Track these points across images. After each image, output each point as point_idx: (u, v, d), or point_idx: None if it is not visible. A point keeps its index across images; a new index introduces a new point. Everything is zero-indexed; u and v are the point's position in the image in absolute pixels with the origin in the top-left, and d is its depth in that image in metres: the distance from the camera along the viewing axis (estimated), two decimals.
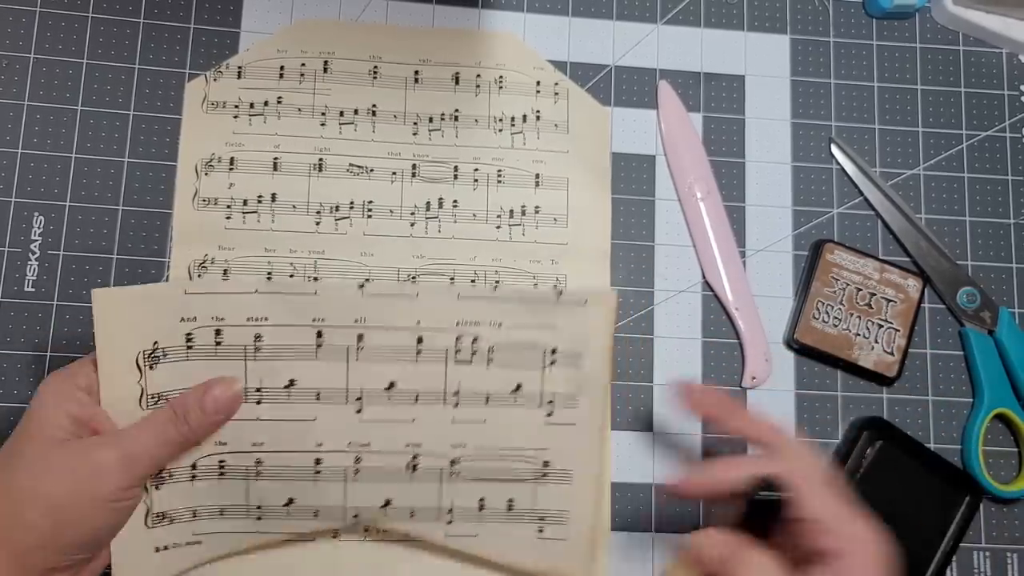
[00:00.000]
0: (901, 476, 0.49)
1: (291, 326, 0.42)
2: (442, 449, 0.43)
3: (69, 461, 0.37)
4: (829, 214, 0.53)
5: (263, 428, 0.42)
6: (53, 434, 0.38)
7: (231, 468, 0.42)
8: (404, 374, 0.43)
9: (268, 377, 0.42)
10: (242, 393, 0.41)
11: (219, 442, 0.42)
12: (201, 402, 0.40)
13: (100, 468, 0.38)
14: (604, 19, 0.53)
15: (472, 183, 0.50)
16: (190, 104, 0.50)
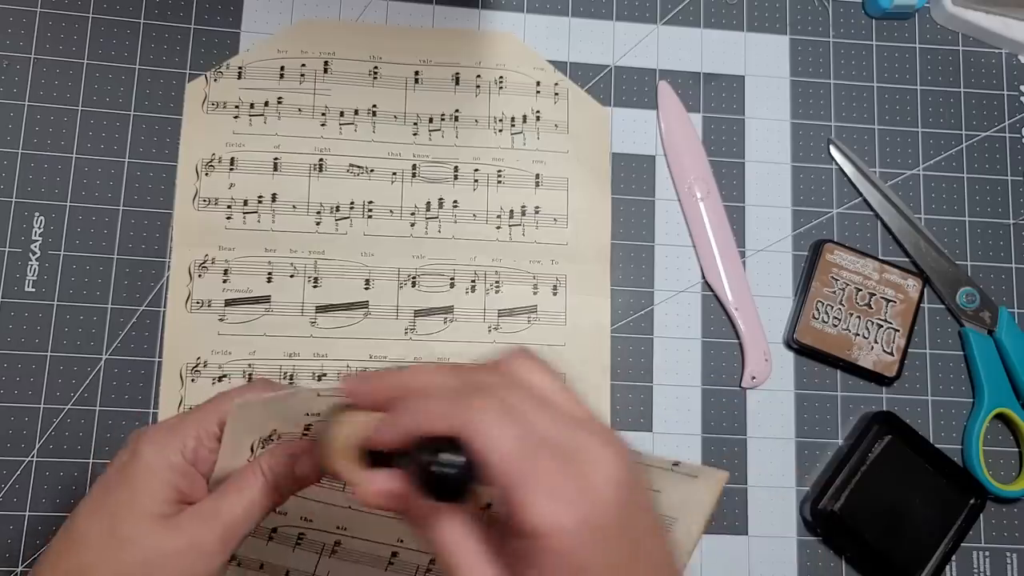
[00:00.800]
0: (907, 473, 0.49)
1: (370, 541, 0.42)
2: None
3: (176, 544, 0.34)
4: (829, 214, 0.53)
5: (351, 516, 0.41)
6: (159, 510, 0.34)
7: (309, 543, 0.42)
8: None
9: (413, 540, 0.41)
10: None
11: (305, 518, 0.41)
12: (291, 471, 0.37)
13: (203, 550, 0.35)
14: (604, 19, 0.53)
15: (472, 183, 0.50)
16: (190, 104, 0.50)
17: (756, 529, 0.49)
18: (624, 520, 0.28)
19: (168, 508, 0.34)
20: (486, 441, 0.27)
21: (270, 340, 0.48)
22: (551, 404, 0.29)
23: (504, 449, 0.27)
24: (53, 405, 0.46)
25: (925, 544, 0.48)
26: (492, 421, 0.27)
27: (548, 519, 0.26)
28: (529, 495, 0.27)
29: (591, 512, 0.27)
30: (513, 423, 0.28)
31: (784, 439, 0.50)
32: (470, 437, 0.27)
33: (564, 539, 0.27)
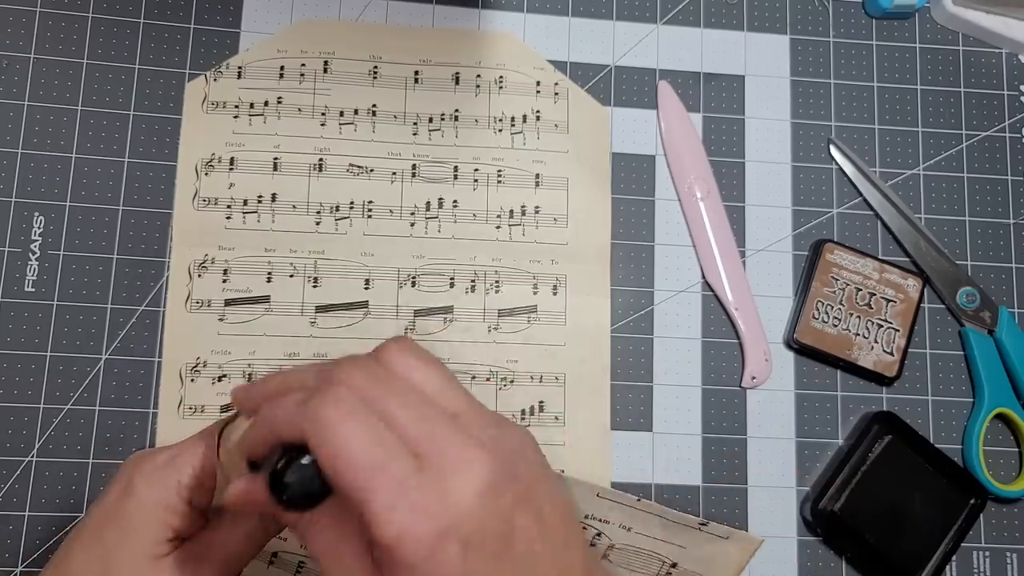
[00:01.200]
0: (907, 473, 0.49)
1: None
2: None
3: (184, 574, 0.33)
4: (829, 214, 0.53)
5: None
6: (153, 551, 0.33)
7: (309, 571, 0.42)
8: None
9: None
10: None
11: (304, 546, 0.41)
12: None
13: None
14: (604, 19, 0.53)
15: (472, 183, 0.50)
16: (190, 104, 0.50)
17: (756, 529, 0.49)
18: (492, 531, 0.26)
19: (162, 548, 0.33)
20: (331, 448, 0.25)
21: (270, 340, 0.48)
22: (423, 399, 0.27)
23: (352, 456, 0.25)
24: (53, 405, 0.46)
25: (925, 544, 0.48)
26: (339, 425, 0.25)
27: (398, 530, 0.24)
28: (379, 505, 0.25)
29: (448, 523, 0.25)
30: (364, 425, 0.25)
31: (784, 439, 0.50)
32: (314, 444, 0.25)
33: (419, 552, 0.25)
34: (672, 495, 0.49)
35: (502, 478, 0.26)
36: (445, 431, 0.26)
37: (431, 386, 0.28)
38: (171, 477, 0.34)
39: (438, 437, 0.26)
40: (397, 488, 0.25)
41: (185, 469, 0.34)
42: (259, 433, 0.28)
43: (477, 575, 0.25)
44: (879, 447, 0.48)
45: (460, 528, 0.25)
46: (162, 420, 0.46)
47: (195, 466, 0.34)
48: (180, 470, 0.34)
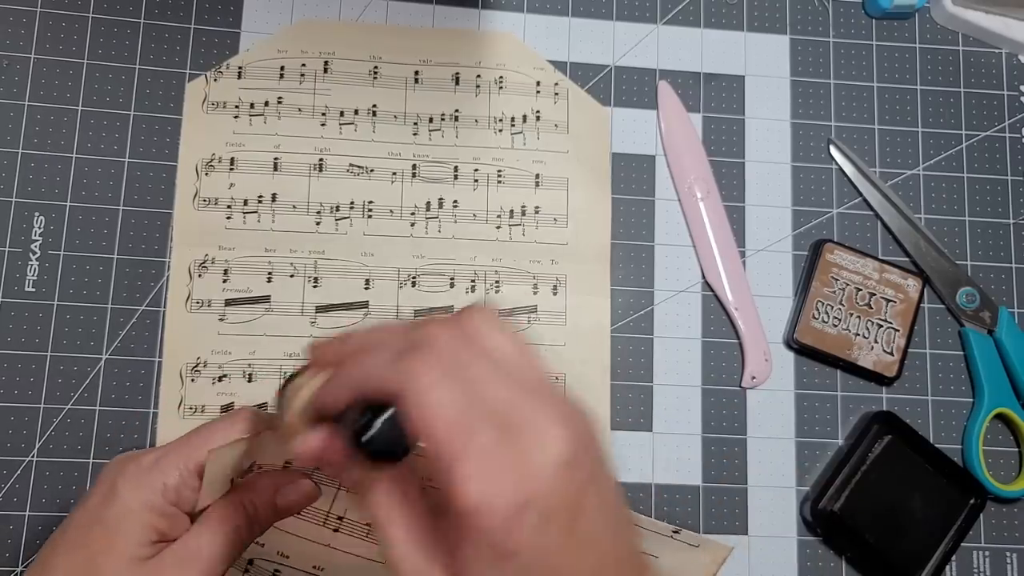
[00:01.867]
0: (907, 473, 0.49)
1: None
2: None
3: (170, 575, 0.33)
4: (829, 214, 0.53)
5: (330, 555, 0.40)
6: (137, 553, 0.33)
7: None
8: None
9: (354, 512, 0.40)
10: (312, 490, 0.38)
11: (282, 553, 0.40)
12: (274, 503, 0.37)
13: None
14: (604, 19, 0.53)
15: (472, 183, 0.50)
16: (190, 104, 0.50)
17: (756, 529, 0.49)
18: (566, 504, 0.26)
19: (146, 550, 0.33)
20: (422, 408, 0.25)
21: (270, 340, 0.48)
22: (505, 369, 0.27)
23: (441, 417, 0.25)
24: (53, 405, 0.46)
25: (925, 544, 0.48)
26: (431, 386, 0.25)
27: (479, 498, 0.24)
28: (462, 470, 0.25)
29: (528, 491, 0.25)
30: (455, 389, 0.25)
31: (784, 439, 0.50)
32: (406, 402, 0.26)
33: (495, 520, 0.25)
34: (672, 495, 0.49)
35: (578, 454, 0.26)
36: (528, 403, 0.26)
37: (513, 358, 0.27)
38: (156, 480, 0.34)
39: (522, 409, 0.26)
40: (482, 454, 0.25)
41: (170, 471, 0.34)
42: (341, 388, 0.28)
43: (548, 547, 0.25)
44: (879, 447, 0.49)
45: (538, 499, 0.25)
46: (162, 420, 0.46)
47: (180, 468, 0.34)
48: (165, 472, 0.34)
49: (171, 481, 0.34)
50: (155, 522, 0.34)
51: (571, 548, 0.26)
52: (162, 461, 0.34)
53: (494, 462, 0.25)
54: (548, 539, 0.25)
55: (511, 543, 0.25)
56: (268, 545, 0.40)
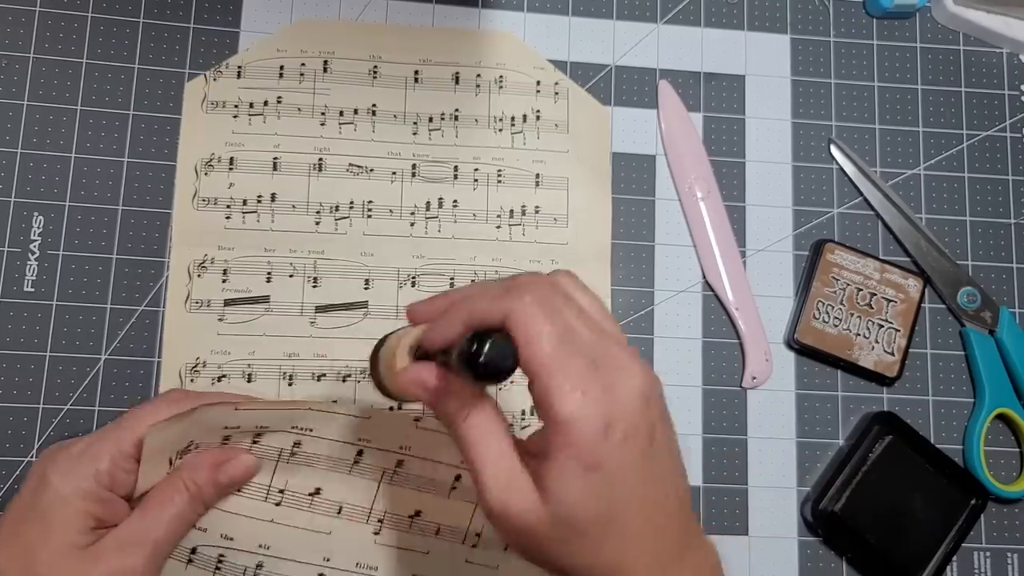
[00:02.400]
0: (908, 473, 0.49)
1: (335, 441, 0.40)
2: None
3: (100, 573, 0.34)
4: (829, 214, 0.53)
5: (274, 531, 0.40)
6: (76, 541, 0.34)
7: (229, 565, 0.40)
8: (432, 506, 0.41)
9: (295, 481, 0.41)
10: (253, 464, 0.39)
11: (226, 536, 0.40)
12: (215, 480, 0.37)
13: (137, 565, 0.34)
14: (604, 19, 0.53)
15: (472, 183, 0.50)
16: (190, 104, 0.50)
17: (756, 530, 0.49)
18: (642, 431, 0.29)
19: (85, 538, 0.34)
20: (528, 330, 0.29)
21: (269, 340, 0.48)
22: (590, 319, 0.31)
23: (543, 340, 0.29)
24: (53, 405, 0.46)
25: (926, 545, 0.48)
26: (535, 314, 0.29)
27: (573, 409, 0.28)
28: (560, 385, 0.28)
29: (613, 414, 0.29)
30: (554, 320, 0.29)
31: (785, 439, 0.50)
32: (513, 325, 0.29)
33: (585, 431, 0.28)
34: None
35: (652, 394, 0.30)
36: (611, 345, 0.30)
37: (595, 313, 0.32)
38: (87, 466, 0.34)
39: (606, 348, 0.30)
40: (577, 376, 0.29)
41: (102, 457, 0.34)
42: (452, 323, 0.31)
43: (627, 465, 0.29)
44: (880, 447, 0.48)
45: (621, 421, 0.29)
46: None
47: (112, 453, 0.35)
48: (96, 458, 0.34)
49: (103, 466, 0.34)
50: (90, 508, 0.34)
51: (646, 472, 0.30)
52: (93, 447, 0.35)
53: (586, 383, 0.29)
54: (628, 458, 0.29)
55: (596, 455, 0.28)
56: (211, 529, 0.39)
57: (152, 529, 0.35)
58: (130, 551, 0.34)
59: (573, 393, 0.28)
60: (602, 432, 0.28)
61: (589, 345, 0.30)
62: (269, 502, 0.40)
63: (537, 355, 0.29)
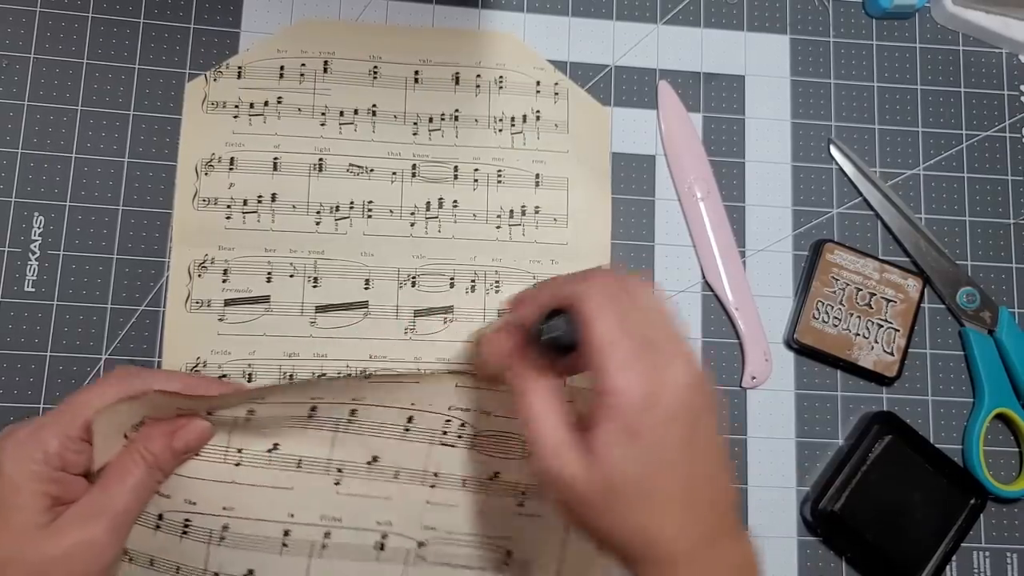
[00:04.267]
0: (907, 473, 0.49)
1: (288, 403, 0.41)
2: (412, 530, 0.43)
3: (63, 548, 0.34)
4: (829, 214, 0.53)
5: (237, 492, 0.41)
6: (34, 520, 0.34)
7: (195, 529, 0.40)
8: (388, 450, 0.42)
9: (252, 441, 0.41)
10: (208, 428, 0.39)
11: (189, 500, 0.40)
12: (172, 447, 0.38)
13: (94, 546, 0.35)
14: (604, 19, 0.53)
15: (472, 183, 0.50)
16: (190, 104, 0.50)
17: (756, 529, 0.49)
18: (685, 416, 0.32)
19: (44, 516, 0.34)
20: (589, 308, 0.33)
21: (270, 340, 0.48)
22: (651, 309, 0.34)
23: (602, 318, 0.33)
24: (52, 405, 0.46)
25: (925, 544, 0.48)
26: (597, 296, 0.33)
27: (624, 383, 0.32)
28: (612, 357, 0.32)
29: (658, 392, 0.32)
30: (614, 304, 0.33)
31: (784, 439, 0.50)
32: (578, 305, 0.33)
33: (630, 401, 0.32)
34: None
35: (699, 386, 0.33)
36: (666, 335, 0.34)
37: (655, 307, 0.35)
38: (35, 450, 0.35)
39: (660, 338, 0.33)
40: (629, 353, 0.32)
41: (50, 439, 0.35)
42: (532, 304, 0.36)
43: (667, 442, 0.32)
44: (879, 447, 0.48)
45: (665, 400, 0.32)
46: None
47: (60, 435, 0.35)
48: (44, 441, 0.35)
49: (52, 448, 0.35)
50: (45, 488, 0.35)
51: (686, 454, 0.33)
52: (40, 431, 0.35)
53: (636, 361, 0.32)
54: (668, 436, 0.32)
55: (640, 424, 0.32)
56: (174, 496, 0.40)
57: (112, 500, 0.36)
58: (91, 523, 0.35)
59: (623, 367, 0.32)
60: (645, 404, 0.32)
61: (644, 331, 0.33)
62: (228, 463, 0.41)
63: (596, 331, 0.32)
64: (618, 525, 0.33)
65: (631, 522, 0.32)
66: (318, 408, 0.41)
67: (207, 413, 0.40)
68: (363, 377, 0.42)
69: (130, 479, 0.37)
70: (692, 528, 0.33)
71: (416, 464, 0.43)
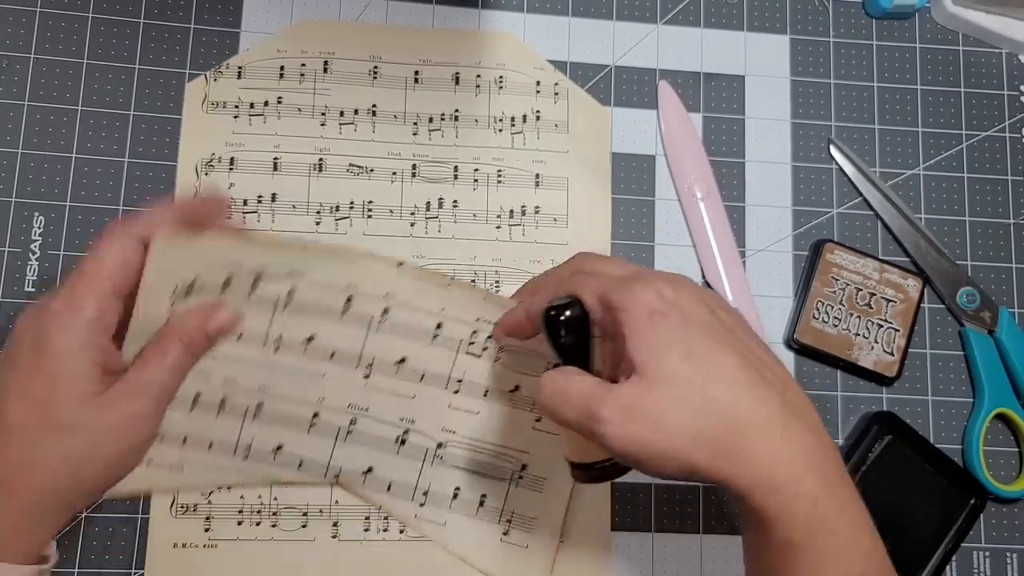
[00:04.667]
0: (907, 473, 0.49)
1: (325, 286, 0.43)
2: (433, 430, 0.45)
3: (115, 417, 0.37)
4: (829, 214, 0.53)
5: (274, 374, 0.43)
6: (90, 389, 0.36)
7: (232, 406, 0.43)
8: (416, 353, 0.44)
9: (290, 330, 0.43)
10: (235, 315, 0.42)
11: (229, 378, 0.43)
12: (206, 330, 0.41)
13: (141, 417, 0.38)
14: (604, 19, 0.53)
15: (472, 183, 0.50)
16: (190, 104, 0.50)
17: None
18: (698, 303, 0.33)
19: (96, 385, 0.36)
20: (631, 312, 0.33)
21: None
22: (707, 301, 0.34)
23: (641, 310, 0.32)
24: None
25: (925, 544, 0.48)
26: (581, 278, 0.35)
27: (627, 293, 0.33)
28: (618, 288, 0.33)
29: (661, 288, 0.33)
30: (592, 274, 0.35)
31: None
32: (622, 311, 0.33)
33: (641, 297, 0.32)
34: (672, 495, 0.49)
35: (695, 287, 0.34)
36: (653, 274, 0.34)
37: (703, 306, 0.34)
38: (81, 320, 0.36)
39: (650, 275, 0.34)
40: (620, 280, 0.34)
41: (90, 305, 0.36)
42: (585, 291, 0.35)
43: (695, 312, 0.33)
44: (879, 447, 0.49)
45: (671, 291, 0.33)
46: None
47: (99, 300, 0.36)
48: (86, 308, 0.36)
49: (91, 315, 0.36)
50: (92, 357, 0.36)
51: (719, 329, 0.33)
52: (80, 298, 0.36)
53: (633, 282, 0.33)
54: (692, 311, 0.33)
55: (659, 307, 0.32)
56: (213, 374, 0.42)
57: (154, 377, 0.38)
58: (139, 397, 0.38)
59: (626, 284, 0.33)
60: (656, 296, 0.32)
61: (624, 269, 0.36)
62: (268, 348, 0.43)
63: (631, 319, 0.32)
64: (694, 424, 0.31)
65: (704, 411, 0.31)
66: (352, 299, 0.43)
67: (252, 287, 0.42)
68: (396, 264, 0.44)
69: (169, 358, 0.39)
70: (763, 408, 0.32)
71: (442, 369, 0.45)
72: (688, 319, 0.32)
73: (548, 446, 0.46)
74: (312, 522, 0.46)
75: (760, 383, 0.32)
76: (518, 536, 0.46)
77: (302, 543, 0.46)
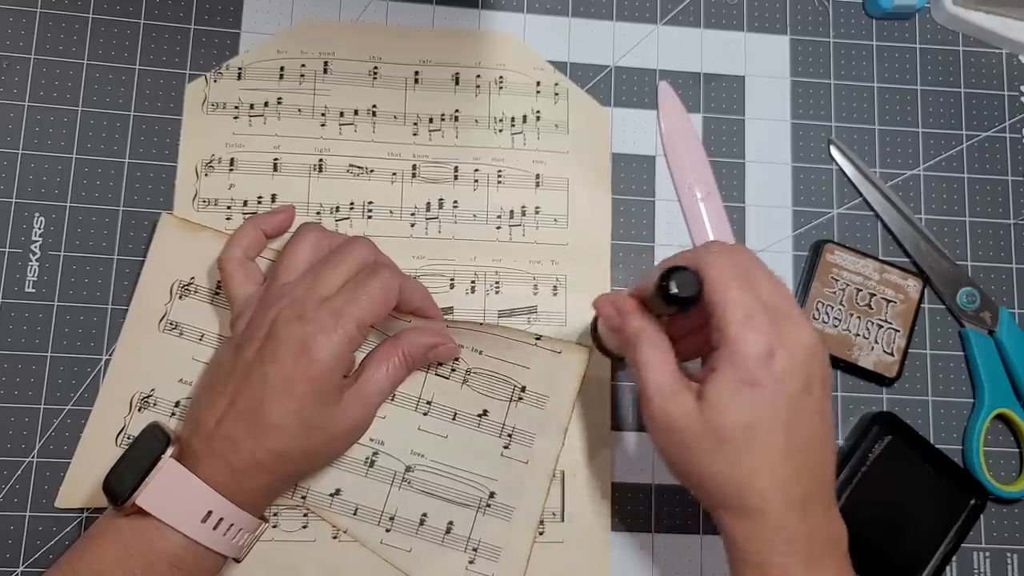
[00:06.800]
0: (907, 473, 0.49)
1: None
2: (402, 453, 0.45)
3: (348, 423, 0.42)
4: (829, 214, 0.53)
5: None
6: (334, 399, 0.41)
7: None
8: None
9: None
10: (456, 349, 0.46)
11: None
12: (428, 355, 0.44)
13: (363, 423, 0.43)
14: (604, 19, 0.53)
15: (472, 184, 0.50)
16: (190, 105, 0.50)
17: None
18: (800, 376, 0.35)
19: (336, 395, 0.41)
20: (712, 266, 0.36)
21: None
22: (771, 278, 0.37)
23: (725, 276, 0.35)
24: (53, 405, 0.46)
25: (925, 545, 0.48)
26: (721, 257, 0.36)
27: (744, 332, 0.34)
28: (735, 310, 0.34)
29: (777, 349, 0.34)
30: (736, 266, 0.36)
31: None
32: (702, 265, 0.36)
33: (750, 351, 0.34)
34: (672, 495, 0.49)
35: (818, 351, 0.36)
36: (787, 301, 0.36)
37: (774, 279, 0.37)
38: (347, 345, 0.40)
39: (783, 302, 0.36)
40: (751, 309, 0.35)
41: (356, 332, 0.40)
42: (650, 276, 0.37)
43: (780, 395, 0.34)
44: (879, 447, 0.48)
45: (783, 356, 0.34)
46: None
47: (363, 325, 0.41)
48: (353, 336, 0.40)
49: (356, 337, 0.41)
50: (344, 370, 0.41)
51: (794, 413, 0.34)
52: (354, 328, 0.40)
53: (758, 317, 0.35)
54: (782, 391, 0.34)
55: (757, 375, 0.34)
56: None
57: (381, 387, 0.43)
58: (367, 407, 0.43)
59: (746, 322, 0.34)
60: (764, 356, 0.34)
61: (764, 294, 0.35)
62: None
63: (719, 286, 0.35)
64: (716, 469, 0.35)
65: (730, 468, 0.35)
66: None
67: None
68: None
69: (393, 375, 0.43)
70: (788, 487, 0.34)
71: (411, 390, 0.46)
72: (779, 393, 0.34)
73: (516, 474, 0.46)
74: (312, 522, 0.46)
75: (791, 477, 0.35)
76: (484, 565, 0.45)
77: (302, 543, 0.46)
